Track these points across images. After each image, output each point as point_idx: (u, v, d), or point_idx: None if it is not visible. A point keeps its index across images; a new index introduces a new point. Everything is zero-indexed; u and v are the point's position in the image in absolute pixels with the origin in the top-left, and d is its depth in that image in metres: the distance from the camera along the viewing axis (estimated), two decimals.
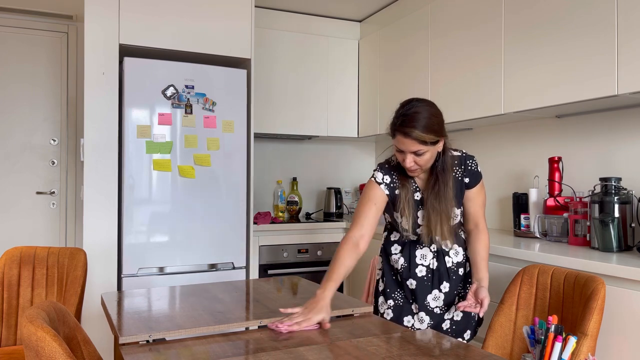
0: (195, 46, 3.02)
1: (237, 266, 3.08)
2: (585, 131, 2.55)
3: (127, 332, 1.35)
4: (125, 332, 1.36)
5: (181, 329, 1.39)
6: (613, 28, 2.04)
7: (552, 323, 0.91)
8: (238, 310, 1.61)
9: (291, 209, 3.88)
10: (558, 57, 2.28)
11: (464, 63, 2.86)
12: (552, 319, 0.90)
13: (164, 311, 1.59)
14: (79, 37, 3.86)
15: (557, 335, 0.88)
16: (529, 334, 0.94)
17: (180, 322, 1.46)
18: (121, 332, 1.35)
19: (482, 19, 2.73)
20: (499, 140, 3.07)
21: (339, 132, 3.92)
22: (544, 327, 0.92)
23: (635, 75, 1.96)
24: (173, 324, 1.45)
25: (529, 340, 0.93)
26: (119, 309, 1.61)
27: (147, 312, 1.57)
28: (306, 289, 1.93)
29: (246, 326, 1.48)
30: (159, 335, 1.36)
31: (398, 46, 3.50)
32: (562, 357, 0.87)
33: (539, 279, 1.85)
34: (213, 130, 3.01)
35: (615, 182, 2.12)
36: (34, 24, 3.74)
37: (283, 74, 3.73)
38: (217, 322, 1.47)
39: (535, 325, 0.91)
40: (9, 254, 2.22)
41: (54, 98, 3.82)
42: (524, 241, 2.41)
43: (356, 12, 3.90)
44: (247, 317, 1.53)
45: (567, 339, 0.87)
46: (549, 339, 0.89)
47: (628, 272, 1.72)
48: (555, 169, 2.52)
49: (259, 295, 1.81)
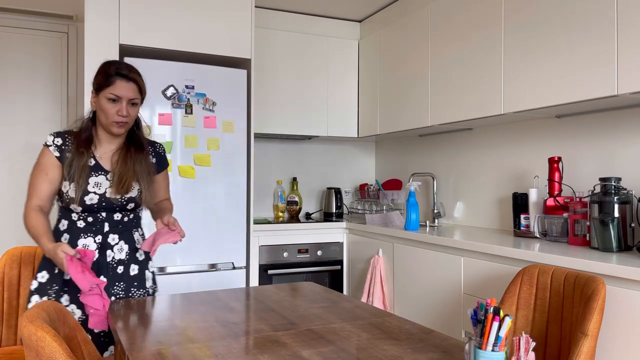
0: (196, 46, 3.02)
1: (237, 266, 3.08)
2: (585, 131, 2.55)
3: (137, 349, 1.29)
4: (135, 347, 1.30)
5: (194, 343, 1.31)
6: (613, 28, 2.05)
7: (491, 305, 1.06)
8: (254, 321, 1.53)
9: (291, 209, 3.88)
10: (558, 57, 2.28)
11: (464, 63, 2.86)
12: (490, 302, 1.06)
13: (174, 321, 1.52)
14: (79, 37, 3.86)
15: (494, 316, 1.03)
16: (472, 315, 1.09)
17: (191, 335, 1.38)
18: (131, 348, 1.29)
19: (482, 19, 2.73)
20: (499, 140, 3.07)
21: (339, 132, 3.92)
22: (483, 309, 1.07)
23: (635, 75, 1.97)
24: (184, 337, 1.36)
25: (472, 320, 1.08)
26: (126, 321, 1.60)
27: (155, 323, 1.51)
28: (322, 296, 1.86)
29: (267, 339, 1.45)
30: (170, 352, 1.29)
31: (398, 46, 3.50)
32: (499, 335, 1.02)
33: (539, 279, 1.85)
34: (213, 130, 3.01)
35: (615, 182, 2.12)
36: (34, 24, 3.74)
37: (283, 74, 3.73)
38: (232, 335, 1.38)
39: (477, 308, 1.08)
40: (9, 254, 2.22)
41: (54, 98, 3.82)
42: (523, 241, 2.41)
43: (356, 12, 3.90)
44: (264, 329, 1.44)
45: (503, 319, 1.02)
46: (488, 319, 1.03)
47: (628, 272, 1.72)
48: (555, 169, 2.52)
49: (274, 304, 1.74)
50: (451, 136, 3.44)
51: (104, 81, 1.75)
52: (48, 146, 1.79)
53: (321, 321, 1.52)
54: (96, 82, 1.78)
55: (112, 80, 1.75)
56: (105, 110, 1.76)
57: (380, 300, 3.12)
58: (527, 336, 1.02)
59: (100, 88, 1.76)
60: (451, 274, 2.56)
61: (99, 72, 1.79)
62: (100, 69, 1.79)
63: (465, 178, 3.33)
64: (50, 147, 1.78)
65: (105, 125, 1.80)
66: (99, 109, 1.78)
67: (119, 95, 1.75)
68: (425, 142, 3.72)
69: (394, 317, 1.57)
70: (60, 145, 1.79)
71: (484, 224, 3.17)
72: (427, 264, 2.75)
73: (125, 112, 1.76)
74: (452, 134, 3.42)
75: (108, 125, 1.79)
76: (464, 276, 2.47)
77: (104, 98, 1.75)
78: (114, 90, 1.75)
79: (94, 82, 1.79)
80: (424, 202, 3.68)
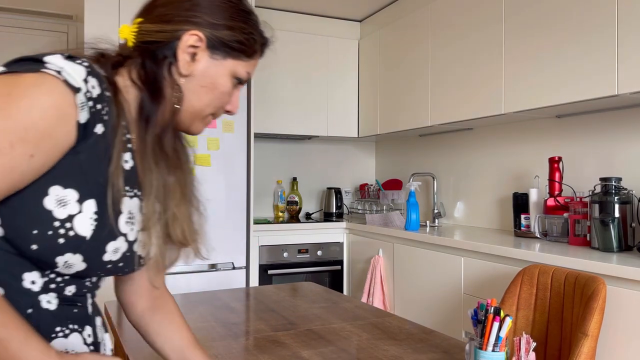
0: None
1: (237, 266, 3.08)
2: (585, 131, 2.55)
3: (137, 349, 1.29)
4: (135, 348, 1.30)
5: None
6: (613, 27, 2.04)
7: (491, 305, 1.05)
8: (254, 321, 1.53)
9: (291, 209, 3.88)
10: (558, 57, 2.28)
11: (464, 63, 2.86)
12: (490, 302, 1.06)
13: None
14: (79, 37, 3.86)
15: (495, 316, 1.02)
16: (472, 315, 1.08)
17: None
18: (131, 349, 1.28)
19: (483, 18, 2.72)
20: (499, 140, 3.07)
21: (339, 132, 3.92)
22: (484, 309, 1.06)
23: (635, 75, 1.96)
24: None
25: (472, 321, 1.08)
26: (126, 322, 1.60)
27: None
28: (322, 296, 1.87)
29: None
30: None
31: (398, 46, 3.50)
32: (500, 335, 1.01)
33: (540, 279, 1.85)
34: (213, 130, 3.01)
35: (616, 182, 2.12)
36: (34, 24, 3.73)
37: (283, 74, 3.73)
38: (232, 335, 1.37)
39: (477, 308, 1.08)
40: None
41: None
42: (524, 241, 2.41)
43: (356, 12, 3.90)
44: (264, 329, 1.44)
45: (504, 319, 1.02)
46: (489, 320, 1.03)
47: (628, 272, 1.72)
48: (556, 168, 2.51)
49: (273, 304, 1.74)
50: (451, 136, 3.44)
51: (251, 45, 0.90)
52: (72, 88, 0.71)
53: (321, 321, 1.52)
54: (236, 37, 0.87)
55: (259, 50, 0.94)
56: (222, 92, 0.89)
57: (381, 301, 3.11)
58: (528, 336, 1.02)
59: (240, 52, 0.89)
60: (451, 274, 2.55)
61: (246, 22, 0.90)
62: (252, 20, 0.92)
63: (466, 178, 3.33)
64: (74, 89, 0.72)
65: (190, 113, 0.88)
66: (205, 82, 0.87)
67: (245, 79, 0.93)
68: (426, 142, 3.72)
69: (394, 317, 1.57)
70: (97, 97, 0.75)
71: (484, 224, 3.17)
72: (427, 264, 2.75)
73: (238, 106, 0.95)
74: (453, 134, 3.42)
75: (196, 117, 0.90)
76: (465, 276, 2.47)
77: (232, 71, 0.89)
78: (249, 68, 0.92)
79: (229, 35, 0.86)
80: (424, 202, 3.68)
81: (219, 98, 0.89)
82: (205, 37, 0.84)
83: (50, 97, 0.69)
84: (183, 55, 0.83)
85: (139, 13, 0.88)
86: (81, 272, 0.78)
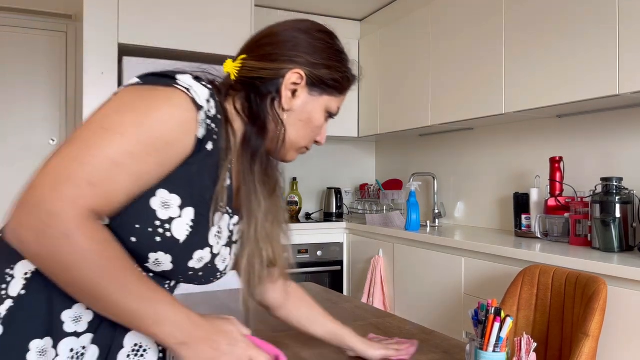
0: (195, 46, 3.01)
1: None
2: (586, 131, 2.54)
3: None
4: None
5: None
6: (614, 27, 2.03)
7: (492, 306, 1.04)
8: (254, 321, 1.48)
9: (291, 209, 3.87)
10: (559, 57, 2.27)
11: (465, 63, 2.85)
12: (491, 302, 1.05)
13: None
14: (78, 37, 3.85)
15: (496, 317, 1.02)
16: (472, 316, 1.07)
17: None
18: None
19: (483, 18, 2.72)
20: (499, 140, 3.06)
21: (339, 132, 3.91)
22: (484, 310, 1.05)
23: (636, 75, 1.96)
24: None
25: (472, 321, 1.07)
26: None
27: None
28: (322, 296, 1.85)
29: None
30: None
31: (398, 46, 3.49)
32: (500, 335, 1.01)
33: (540, 279, 1.84)
34: None
35: (617, 182, 2.11)
36: (33, 24, 3.73)
37: None
38: None
39: (478, 309, 1.07)
40: None
41: (53, 98, 3.81)
42: (524, 241, 2.40)
43: (356, 12, 3.90)
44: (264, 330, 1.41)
45: (504, 319, 1.01)
46: (489, 320, 1.02)
47: (629, 273, 1.71)
48: (557, 168, 2.51)
49: None
50: (452, 136, 3.43)
51: (345, 83, 0.99)
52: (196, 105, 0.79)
53: None
54: (332, 75, 0.95)
55: (348, 87, 1.01)
56: (316, 125, 0.98)
57: (381, 301, 3.11)
58: (529, 337, 1.01)
59: (334, 89, 0.97)
60: (452, 274, 2.55)
61: (340, 61, 0.98)
62: (345, 59, 1.00)
63: (466, 178, 3.32)
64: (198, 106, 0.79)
65: (288, 144, 0.97)
66: (303, 117, 0.95)
67: (334, 114, 1.01)
68: (426, 142, 3.71)
69: (394, 318, 1.57)
70: (213, 117, 0.83)
71: (484, 224, 3.16)
72: (427, 265, 2.74)
73: (325, 138, 1.05)
74: (453, 134, 3.41)
75: (292, 148, 1.00)
76: (465, 276, 2.46)
77: (326, 107, 0.97)
78: (340, 103, 1.00)
79: (327, 74, 0.94)
80: (424, 202, 3.67)
81: (313, 131, 0.99)
82: (305, 75, 0.92)
83: (180, 111, 0.77)
84: (286, 91, 0.91)
85: (242, 50, 0.98)
86: (166, 272, 0.85)
